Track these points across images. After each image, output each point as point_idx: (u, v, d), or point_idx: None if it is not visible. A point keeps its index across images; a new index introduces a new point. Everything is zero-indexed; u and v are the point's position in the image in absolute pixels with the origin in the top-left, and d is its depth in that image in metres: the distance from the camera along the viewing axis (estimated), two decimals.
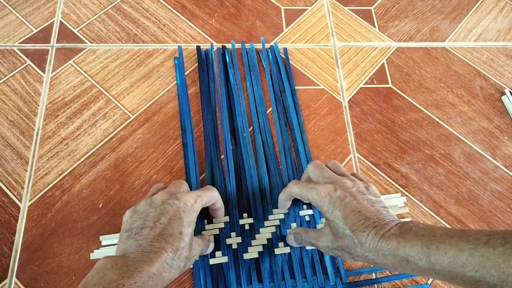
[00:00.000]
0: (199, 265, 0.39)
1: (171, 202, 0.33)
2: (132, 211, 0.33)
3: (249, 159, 0.45)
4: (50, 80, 0.50)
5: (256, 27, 0.57)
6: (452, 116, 0.52)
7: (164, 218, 0.32)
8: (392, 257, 0.28)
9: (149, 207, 0.33)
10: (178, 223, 0.32)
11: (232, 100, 0.49)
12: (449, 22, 0.61)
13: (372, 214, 0.31)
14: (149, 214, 0.32)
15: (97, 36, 0.54)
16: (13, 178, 0.44)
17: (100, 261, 0.28)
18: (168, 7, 0.58)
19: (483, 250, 0.24)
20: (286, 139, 0.48)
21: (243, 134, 0.47)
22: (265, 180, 0.44)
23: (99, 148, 0.46)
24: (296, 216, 0.42)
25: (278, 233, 0.41)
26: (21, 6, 0.55)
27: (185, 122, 0.47)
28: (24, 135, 0.46)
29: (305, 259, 0.40)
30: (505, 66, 0.57)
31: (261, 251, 0.40)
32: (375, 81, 0.54)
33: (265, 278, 0.39)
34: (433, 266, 0.26)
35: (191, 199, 0.34)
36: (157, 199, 0.33)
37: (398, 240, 0.28)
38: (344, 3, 0.61)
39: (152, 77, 0.51)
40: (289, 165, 0.46)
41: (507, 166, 0.49)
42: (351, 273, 0.41)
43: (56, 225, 0.41)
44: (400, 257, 0.28)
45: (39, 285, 0.38)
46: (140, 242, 0.30)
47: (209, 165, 0.45)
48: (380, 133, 0.50)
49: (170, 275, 0.30)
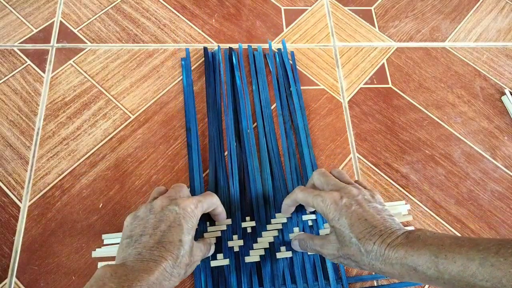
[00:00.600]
0: (200, 267, 0.39)
1: (170, 208, 0.32)
2: (133, 217, 0.33)
3: (253, 161, 0.45)
4: (50, 80, 0.50)
5: (256, 27, 0.57)
6: (452, 116, 0.52)
7: (164, 225, 0.31)
8: (399, 266, 0.28)
9: (149, 213, 0.33)
10: (178, 230, 0.31)
11: (237, 102, 0.49)
12: (449, 22, 0.61)
13: (378, 223, 0.30)
14: (148, 221, 0.32)
15: (97, 36, 0.54)
16: (13, 178, 0.44)
17: (100, 270, 0.28)
18: (168, 7, 0.58)
19: (493, 260, 0.24)
20: (291, 142, 0.47)
21: (247, 131, 0.46)
22: (268, 184, 0.44)
23: (99, 148, 0.46)
24: (299, 220, 0.42)
25: (281, 237, 0.41)
26: (21, 6, 0.55)
27: (190, 123, 0.47)
28: (24, 135, 0.46)
29: (307, 264, 0.40)
30: (505, 66, 0.57)
31: (262, 255, 0.40)
32: (375, 81, 0.54)
33: (266, 282, 0.39)
34: (442, 275, 0.26)
35: (192, 205, 0.33)
36: (157, 205, 0.33)
37: (405, 249, 0.28)
38: (344, 3, 0.61)
39: (152, 77, 0.51)
40: (293, 169, 0.46)
41: (507, 166, 0.49)
42: (352, 280, 0.40)
43: (56, 225, 0.41)
44: (408, 266, 0.27)
45: (39, 285, 0.38)
46: (140, 250, 0.30)
47: (212, 167, 0.45)
48: (380, 133, 0.50)
49: (170, 283, 0.30)
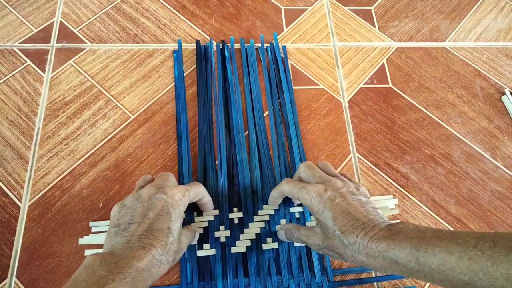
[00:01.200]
0: (186, 257, 0.39)
1: (158, 197, 0.33)
2: (120, 205, 0.33)
3: (241, 153, 0.45)
4: (50, 80, 0.50)
5: (256, 27, 0.57)
6: (452, 116, 0.52)
7: (152, 213, 0.31)
8: (381, 259, 0.28)
9: (136, 201, 0.33)
10: (166, 218, 0.31)
11: (228, 95, 0.50)
12: (449, 22, 0.61)
13: (361, 215, 0.30)
14: (136, 209, 0.32)
15: (97, 36, 0.54)
16: (13, 178, 0.44)
17: (88, 258, 0.28)
18: (168, 7, 0.58)
19: (471, 253, 0.24)
20: (280, 136, 0.48)
21: (239, 139, 0.46)
22: (257, 175, 0.44)
23: (99, 148, 0.46)
24: (286, 213, 0.42)
25: (267, 228, 0.41)
26: (21, 6, 0.55)
27: (180, 114, 0.48)
28: (24, 135, 0.46)
29: (292, 256, 0.40)
30: (505, 66, 0.57)
31: (249, 246, 0.40)
32: (375, 81, 0.54)
33: (251, 272, 0.39)
34: (422, 268, 0.26)
35: (179, 193, 0.34)
36: (144, 193, 0.33)
37: (388, 242, 0.28)
38: (344, 3, 0.61)
39: (152, 77, 0.51)
40: (282, 162, 0.46)
41: (507, 166, 0.49)
42: (338, 272, 0.41)
43: (56, 225, 0.41)
44: (389, 259, 0.28)
45: (39, 285, 0.38)
46: (128, 238, 0.30)
47: (202, 158, 0.45)
48: (380, 133, 0.50)
49: (159, 270, 0.30)
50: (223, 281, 0.38)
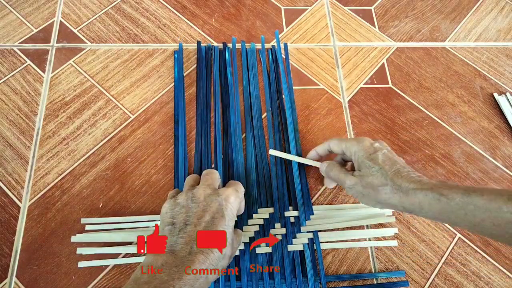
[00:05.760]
0: None
1: (213, 198, 0.33)
2: (172, 204, 0.33)
3: (238, 156, 0.45)
4: (50, 80, 0.50)
5: (256, 27, 0.57)
6: (452, 116, 0.52)
7: (208, 215, 0.32)
8: (423, 195, 0.30)
9: (190, 201, 0.33)
10: (221, 222, 0.32)
11: (227, 97, 0.50)
12: (449, 22, 0.61)
13: (407, 167, 0.34)
14: (191, 209, 0.32)
15: (97, 36, 0.54)
16: (13, 178, 0.44)
17: (149, 257, 0.29)
18: (168, 7, 0.58)
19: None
20: (278, 138, 0.47)
21: (236, 142, 0.46)
22: (253, 179, 0.44)
23: (99, 148, 0.46)
24: (281, 217, 0.42)
25: (261, 232, 0.41)
26: (21, 6, 0.55)
27: (178, 116, 0.48)
28: (24, 135, 0.46)
29: (285, 260, 0.40)
30: (505, 66, 0.57)
31: (242, 249, 0.40)
32: (375, 81, 0.54)
33: (243, 276, 0.39)
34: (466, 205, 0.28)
35: (233, 196, 0.34)
36: (199, 193, 0.33)
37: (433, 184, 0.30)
38: (344, 3, 0.61)
39: (152, 77, 0.51)
40: (279, 165, 0.46)
41: (507, 166, 0.49)
42: (331, 278, 0.40)
43: (56, 225, 0.41)
44: (432, 195, 0.29)
45: (39, 285, 0.38)
46: (186, 239, 0.30)
47: (198, 161, 0.45)
48: (380, 133, 0.50)
49: (214, 276, 0.30)
50: (215, 285, 0.38)
